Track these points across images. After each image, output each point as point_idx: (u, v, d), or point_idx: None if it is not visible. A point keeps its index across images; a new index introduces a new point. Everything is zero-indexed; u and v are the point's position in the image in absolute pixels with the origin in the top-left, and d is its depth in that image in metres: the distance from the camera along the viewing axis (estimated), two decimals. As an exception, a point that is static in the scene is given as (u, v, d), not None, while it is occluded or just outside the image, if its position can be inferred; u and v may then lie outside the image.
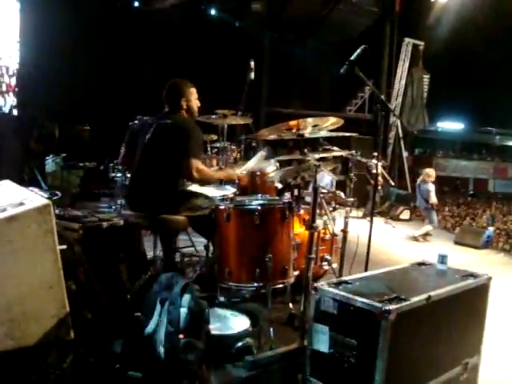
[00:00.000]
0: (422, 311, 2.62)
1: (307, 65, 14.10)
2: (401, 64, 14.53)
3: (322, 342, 2.70)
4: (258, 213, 3.27)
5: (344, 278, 2.93)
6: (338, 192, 4.09)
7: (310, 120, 3.07)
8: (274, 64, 13.42)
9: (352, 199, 3.98)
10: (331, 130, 3.53)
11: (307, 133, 3.22)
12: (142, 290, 3.30)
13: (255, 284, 3.26)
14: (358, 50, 3.22)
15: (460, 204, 14.26)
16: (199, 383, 2.50)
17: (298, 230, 3.99)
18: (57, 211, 4.22)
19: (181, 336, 2.42)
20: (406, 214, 11.06)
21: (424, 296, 2.63)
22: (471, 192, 16.23)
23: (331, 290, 2.72)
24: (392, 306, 2.47)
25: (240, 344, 2.82)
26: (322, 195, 3.68)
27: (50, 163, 10.51)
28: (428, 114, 15.51)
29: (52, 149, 10.50)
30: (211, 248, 3.96)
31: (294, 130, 3.18)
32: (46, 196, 5.05)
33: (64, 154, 10.20)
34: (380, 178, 10.91)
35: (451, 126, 19.15)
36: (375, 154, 9.15)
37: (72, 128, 11.22)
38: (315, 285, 2.74)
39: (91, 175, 10.29)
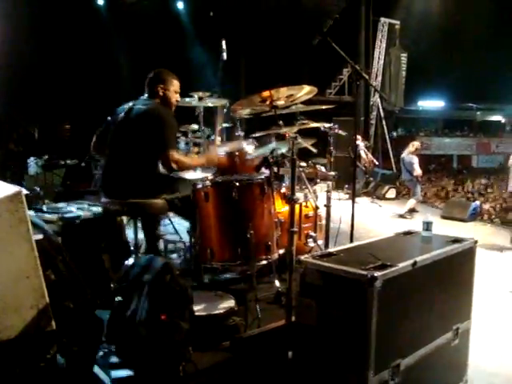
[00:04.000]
0: (408, 277, 2.58)
1: (285, 50, 14.01)
2: (378, 44, 14.49)
3: (309, 315, 2.66)
4: (235, 188, 3.19)
5: (328, 250, 2.89)
6: (318, 166, 4.04)
7: (283, 89, 3.01)
8: (251, 49, 13.32)
9: (333, 173, 3.93)
10: (309, 104, 3.47)
11: (282, 104, 3.15)
12: (124, 277, 3.22)
13: (238, 262, 3.19)
14: (328, 20, 3.16)
15: (446, 180, 14.31)
16: (185, 364, 2.44)
17: (281, 208, 3.93)
18: (37, 206, 4.17)
19: (163, 317, 2.36)
20: (391, 193, 11.07)
21: (410, 261, 2.59)
22: (456, 168, 16.30)
23: (315, 261, 2.67)
24: (378, 273, 2.42)
25: (226, 323, 2.77)
26: (301, 169, 3.63)
27: (32, 165, 10.36)
28: (408, 93, 15.51)
29: (32, 149, 10.35)
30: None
31: (267, 102, 3.11)
32: (25, 193, 4.97)
33: (46, 156, 10.05)
34: (365, 158, 10.92)
35: (432, 104, 19.16)
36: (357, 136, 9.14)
37: (52, 127, 11.09)
38: (299, 257, 2.69)
39: (74, 173, 10.16)
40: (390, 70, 14.68)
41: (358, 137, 10.42)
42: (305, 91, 3.13)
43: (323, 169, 4.04)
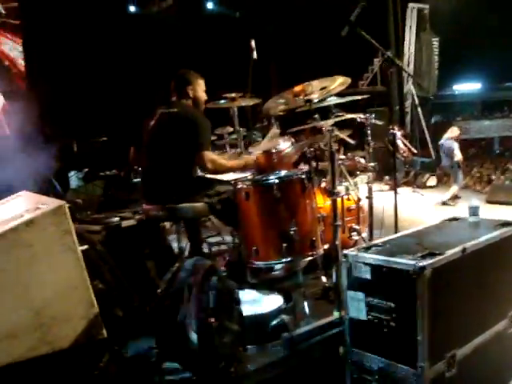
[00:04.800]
0: (458, 264, 2.51)
1: (315, 45, 13.92)
2: (408, 30, 14.24)
3: (359, 309, 2.61)
4: (276, 186, 3.17)
5: (374, 242, 2.84)
6: (357, 158, 3.98)
7: (315, 82, 2.97)
8: (280, 47, 13.28)
9: (373, 164, 3.87)
10: (342, 96, 3.42)
11: (316, 97, 3.12)
12: (170, 282, 3.24)
13: (283, 260, 3.17)
14: (357, 9, 3.11)
15: (488, 164, 13.94)
16: (237, 365, 2.43)
17: (323, 203, 3.89)
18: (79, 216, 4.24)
19: (212, 319, 2.35)
20: (432, 181, 10.85)
21: (459, 248, 2.53)
22: (497, 151, 15.86)
23: (362, 254, 2.63)
24: (426, 262, 2.37)
25: (275, 322, 2.75)
26: (340, 162, 3.58)
27: (74, 179, 10.57)
28: (442, 78, 15.19)
29: (72, 163, 10.55)
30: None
31: (301, 97, 3.08)
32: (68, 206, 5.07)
33: (86, 169, 10.23)
34: (403, 148, 10.74)
35: (468, 87, 18.68)
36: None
37: (89, 141, 11.28)
38: (345, 252, 2.65)
39: (114, 184, 10.30)
40: (421, 56, 14.41)
41: (395, 127, 10.26)
42: (338, 82, 3.09)
43: (362, 160, 3.98)
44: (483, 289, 2.66)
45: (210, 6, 13.15)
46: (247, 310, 2.79)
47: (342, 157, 3.83)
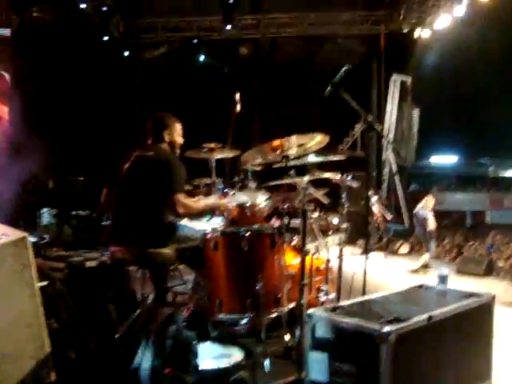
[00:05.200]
0: (423, 332, 2.47)
1: (298, 106, 14.21)
2: (390, 100, 14.63)
3: (320, 371, 2.54)
4: (245, 239, 3.14)
5: (340, 304, 2.80)
6: (330, 218, 3.97)
7: (294, 138, 2.99)
8: (264, 104, 13.51)
9: (345, 225, 3.86)
10: (320, 155, 3.44)
11: (293, 154, 3.13)
12: (130, 328, 3.13)
13: (247, 314, 3.10)
14: (341, 71, 3.16)
15: (459, 237, 14.10)
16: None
17: (292, 261, 3.85)
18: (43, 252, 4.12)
19: (167, 370, 2.26)
20: (404, 248, 10.89)
21: (425, 316, 2.50)
22: (469, 225, 16.12)
23: (326, 315, 2.58)
24: (391, 328, 2.33)
25: (233, 378, 2.66)
26: (312, 220, 3.57)
27: (45, 216, 10.41)
28: (421, 148, 15.53)
29: (45, 200, 10.41)
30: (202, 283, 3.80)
31: (278, 152, 3.09)
32: (34, 240, 4.94)
33: (56, 210, 10.10)
34: (377, 214, 10.82)
35: (445, 159, 19.16)
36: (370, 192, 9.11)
37: (66, 179, 11.18)
38: (309, 311, 2.60)
39: (85, 224, 10.15)
40: (402, 126, 14.77)
41: (371, 192, 10.40)
42: (316, 140, 3.11)
43: (335, 221, 3.97)
44: (448, 358, 2.61)
45: (201, 58, 13.40)
46: (206, 363, 2.70)
47: (315, 215, 3.83)
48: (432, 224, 8.75)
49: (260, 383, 2.81)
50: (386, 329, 2.31)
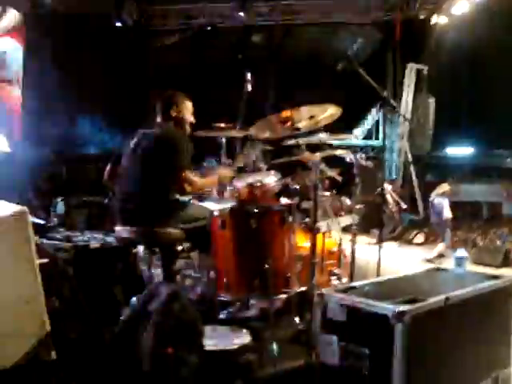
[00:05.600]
0: (440, 314, 2.34)
1: (311, 92, 14.02)
2: (406, 89, 14.39)
3: (330, 353, 2.42)
4: (254, 216, 3.01)
5: (352, 284, 2.68)
6: (342, 198, 3.83)
7: (304, 109, 2.85)
8: (277, 90, 13.35)
9: (359, 206, 3.72)
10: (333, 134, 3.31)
11: (304, 126, 2.99)
12: (135, 309, 3.03)
13: (255, 295, 2.98)
14: (355, 44, 3.02)
15: (475, 228, 13.89)
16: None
17: (303, 243, 3.73)
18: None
19: (169, 350, 2.15)
20: (419, 238, 10.71)
21: (442, 297, 2.36)
22: (485, 216, 15.84)
23: (338, 295, 2.46)
24: (407, 307, 2.20)
25: (239, 360, 2.54)
26: (324, 198, 3.44)
27: (59, 204, 10.39)
28: (437, 138, 15.28)
29: (60, 188, 10.40)
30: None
31: (288, 124, 2.96)
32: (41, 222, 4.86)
33: (73, 195, 10.09)
34: (392, 202, 10.66)
35: (460, 150, 18.88)
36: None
37: (78, 167, 11.16)
38: (320, 291, 2.49)
39: (98, 211, 10.12)
40: (417, 115, 14.54)
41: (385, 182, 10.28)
42: (328, 112, 2.98)
43: (348, 201, 3.84)
44: (465, 343, 2.48)
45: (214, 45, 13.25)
46: (211, 344, 2.59)
47: (327, 193, 3.69)
48: (448, 212, 8.57)
49: (268, 366, 2.70)
50: (401, 309, 2.19)
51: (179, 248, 3.71)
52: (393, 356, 2.17)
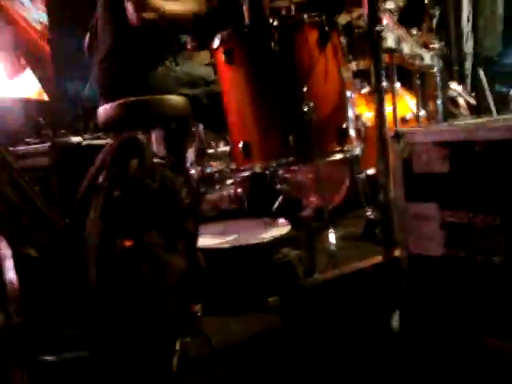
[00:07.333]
0: None
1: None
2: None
3: (426, 238, 1.37)
4: (275, 35, 1.77)
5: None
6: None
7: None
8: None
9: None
10: None
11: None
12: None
13: (289, 159, 1.83)
14: None
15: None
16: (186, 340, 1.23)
17: (365, 113, 2.66)
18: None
19: (127, 243, 1.16)
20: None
21: None
22: None
23: (430, 129, 1.38)
24: None
25: (273, 259, 1.52)
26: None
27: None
28: (507, 42, 13.57)
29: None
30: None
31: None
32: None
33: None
34: (463, 104, 9.39)
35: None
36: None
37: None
38: (396, 130, 1.41)
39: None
40: (483, 12, 12.82)
41: (454, 82, 8.96)
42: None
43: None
44: None
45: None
46: (226, 240, 1.58)
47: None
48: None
49: (319, 270, 1.66)
50: None
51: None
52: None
